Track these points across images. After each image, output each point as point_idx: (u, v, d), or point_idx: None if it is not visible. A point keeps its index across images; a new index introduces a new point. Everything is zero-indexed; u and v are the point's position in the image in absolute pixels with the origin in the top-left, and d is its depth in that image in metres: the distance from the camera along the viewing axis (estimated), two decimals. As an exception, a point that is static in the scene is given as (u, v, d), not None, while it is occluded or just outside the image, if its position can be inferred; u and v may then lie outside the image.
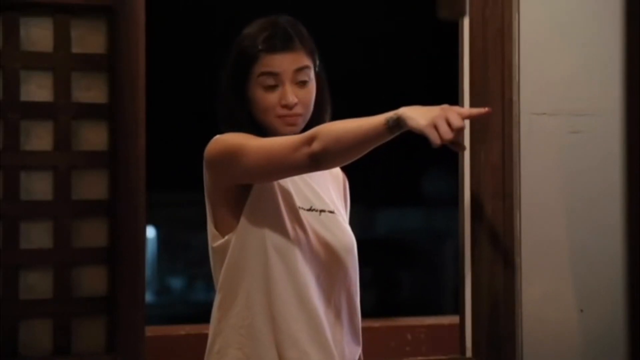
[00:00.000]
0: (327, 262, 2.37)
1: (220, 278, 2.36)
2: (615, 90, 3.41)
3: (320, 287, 2.36)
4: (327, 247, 2.37)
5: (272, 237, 2.32)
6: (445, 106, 2.05)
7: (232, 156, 2.28)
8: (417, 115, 2.04)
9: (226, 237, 2.35)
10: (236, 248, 2.33)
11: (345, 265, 2.40)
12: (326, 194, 2.45)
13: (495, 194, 3.33)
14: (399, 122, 2.07)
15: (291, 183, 2.37)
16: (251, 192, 2.33)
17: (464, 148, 2.06)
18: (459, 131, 2.02)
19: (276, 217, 2.33)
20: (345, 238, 2.42)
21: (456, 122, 2.00)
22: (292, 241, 2.33)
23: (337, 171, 2.55)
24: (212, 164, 2.33)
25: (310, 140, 2.18)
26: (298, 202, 2.36)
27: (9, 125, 3.10)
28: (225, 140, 2.32)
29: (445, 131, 2.00)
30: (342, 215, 2.49)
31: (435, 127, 2.00)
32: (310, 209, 2.38)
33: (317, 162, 2.19)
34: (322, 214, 2.40)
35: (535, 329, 3.33)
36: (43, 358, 3.10)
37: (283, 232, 2.33)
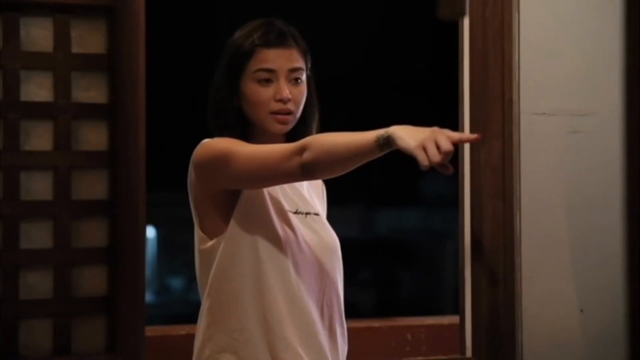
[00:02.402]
0: (317, 263, 2.38)
1: (208, 282, 2.35)
2: (615, 90, 3.41)
3: (312, 289, 2.36)
4: (315, 248, 2.38)
5: (264, 241, 2.33)
6: (436, 129, 2.06)
7: (222, 161, 2.29)
8: (407, 136, 2.06)
9: (214, 240, 2.34)
10: (226, 252, 2.33)
11: (332, 266, 2.41)
12: (310, 196, 2.46)
13: (495, 194, 3.34)
14: (389, 140, 2.08)
15: (278, 186, 2.38)
16: (240, 196, 2.33)
17: (451, 171, 2.07)
18: (447, 154, 2.02)
19: (267, 220, 2.33)
20: (330, 239, 2.43)
21: (445, 145, 2.01)
22: (283, 244, 2.33)
23: None
24: (201, 168, 2.33)
25: (301, 150, 2.19)
26: (286, 205, 2.37)
27: (9, 125, 3.10)
28: (215, 145, 2.32)
29: (433, 154, 2.01)
30: (325, 217, 2.50)
31: (424, 149, 2.02)
32: (296, 212, 2.39)
33: (307, 172, 2.21)
34: (308, 216, 2.41)
35: (535, 329, 3.33)
36: (43, 358, 3.09)
37: (274, 235, 2.33)
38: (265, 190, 2.35)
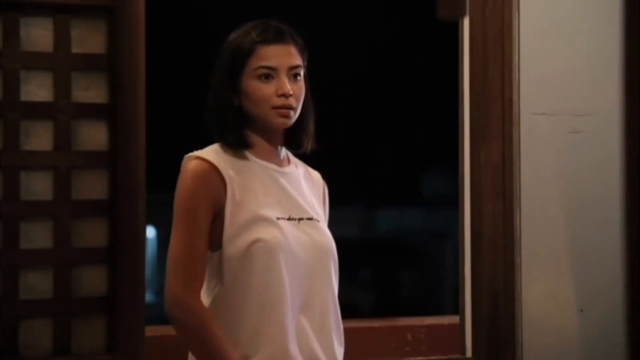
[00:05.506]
0: (310, 265, 2.38)
1: (211, 297, 2.37)
2: (615, 90, 3.41)
3: (306, 291, 2.36)
4: (308, 250, 2.39)
5: (256, 251, 2.33)
6: None
7: (174, 207, 2.47)
8: None
9: (216, 254, 2.36)
10: (225, 277, 2.35)
11: (326, 267, 2.41)
12: (305, 201, 2.45)
13: (495, 194, 3.34)
14: None
15: (268, 195, 2.38)
16: (225, 216, 2.35)
17: None
18: None
19: (256, 232, 2.33)
20: (323, 240, 2.43)
21: None
22: (276, 253, 2.33)
23: (317, 177, 2.57)
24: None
25: (189, 295, 2.32)
26: (276, 214, 2.37)
27: (9, 125, 3.10)
28: (180, 187, 2.47)
29: None
30: (322, 220, 2.50)
31: None
32: (289, 218, 2.39)
33: (172, 318, 2.36)
34: (302, 221, 2.41)
35: (535, 329, 3.34)
36: (43, 358, 3.10)
37: (266, 245, 2.33)
38: (253, 202, 2.35)
